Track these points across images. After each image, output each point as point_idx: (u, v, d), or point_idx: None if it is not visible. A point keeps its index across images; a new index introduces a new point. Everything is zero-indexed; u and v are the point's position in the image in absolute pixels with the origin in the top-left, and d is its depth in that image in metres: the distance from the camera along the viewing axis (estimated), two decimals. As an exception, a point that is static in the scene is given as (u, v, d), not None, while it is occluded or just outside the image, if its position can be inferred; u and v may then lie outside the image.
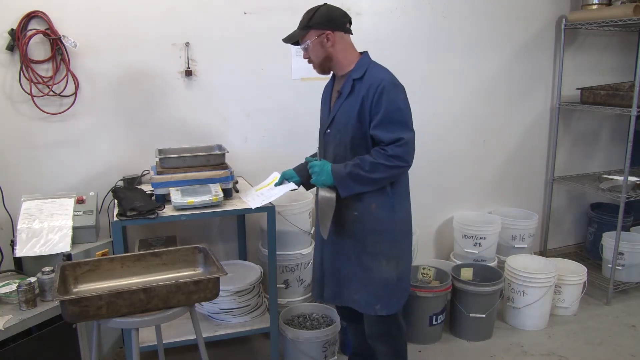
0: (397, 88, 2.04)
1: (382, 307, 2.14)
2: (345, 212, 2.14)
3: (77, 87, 2.69)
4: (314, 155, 2.32)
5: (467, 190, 3.75)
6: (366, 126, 2.05)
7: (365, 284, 2.15)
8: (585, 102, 3.73)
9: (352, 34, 2.16)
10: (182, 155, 2.55)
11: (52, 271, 2.15)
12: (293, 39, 2.15)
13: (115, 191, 2.54)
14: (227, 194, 2.52)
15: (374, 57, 2.21)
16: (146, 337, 2.46)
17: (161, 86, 2.86)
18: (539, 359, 2.85)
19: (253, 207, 2.38)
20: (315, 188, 2.22)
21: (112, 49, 2.73)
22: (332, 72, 2.22)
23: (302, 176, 2.31)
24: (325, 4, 2.14)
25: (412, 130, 2.03)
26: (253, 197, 2.45)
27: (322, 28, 2.07)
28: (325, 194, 2.10)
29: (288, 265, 2.97)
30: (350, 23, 2.15)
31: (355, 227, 2.14)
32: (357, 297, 2.17)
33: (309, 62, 2.18)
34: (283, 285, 2.99)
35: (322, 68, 2.16)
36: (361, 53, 2.17)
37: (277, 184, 2.37)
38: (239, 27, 2.96)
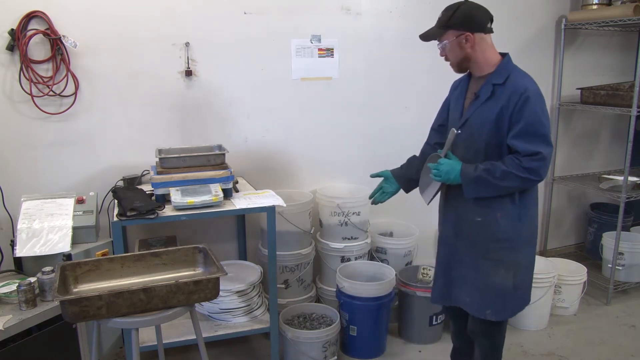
0: (540, 99, 1.95)
1: (493, 312, 2.09)
2: (466, 216, 2.09)
3: (77, 87, 2.69)
4: (434, 150, 2.27)
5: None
6: (503, 133, 1.97)
7: (479, 288, 2.10)
8: (585, 102, 3.73)
9: (492, 32, 2.06)
10: (182, 155, 2.55)
11: (52, 271, 2.15)
12: (430, 38, 2.07)
13: (115, 191, 2.54)
14: (227, 194, 2.52)
15: (374, 56, 2.18)
16: (146, 337, 2.46)
17: (161, 86, 2.86)
18: (539, 359, 2.85)
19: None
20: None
21: (112, 49, 2.74)
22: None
23: (401, 181, 2.37)
24: (465, 1, 2.03)
25: (551, 145, 1.94)
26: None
27: (462, 29, 1.98)
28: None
29: (288, 265, 2.97)
30: (492, 22, 2.04)
31: (476, 233, 2.08)
32: (468, 299, 2.13)
33: (446, 60, 2.09)
34: (283, 285, 2.98)
35: (460, 68, 2.09)
36: (502, 54, 2.08)
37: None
38: (239, 27, 2.96)
